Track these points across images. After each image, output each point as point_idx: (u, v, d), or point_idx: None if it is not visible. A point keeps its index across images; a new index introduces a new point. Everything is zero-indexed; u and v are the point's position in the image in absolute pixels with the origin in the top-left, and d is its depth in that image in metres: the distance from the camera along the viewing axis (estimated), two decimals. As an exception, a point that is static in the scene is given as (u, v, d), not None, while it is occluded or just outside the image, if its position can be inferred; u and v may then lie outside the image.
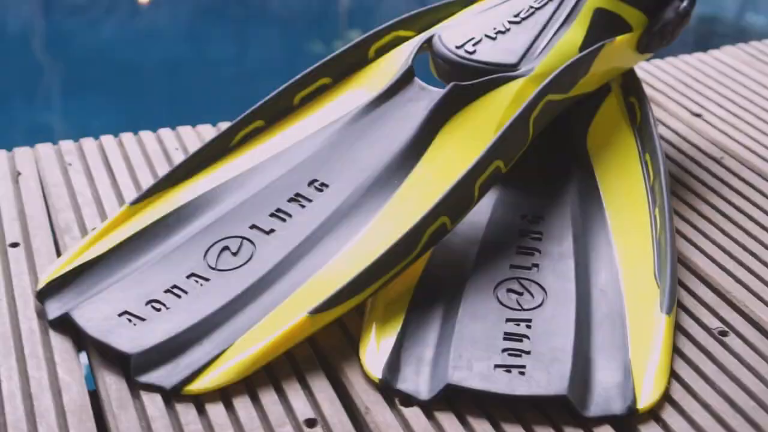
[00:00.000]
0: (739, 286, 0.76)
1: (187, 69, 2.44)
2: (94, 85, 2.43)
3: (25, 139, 0.87)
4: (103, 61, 2.62)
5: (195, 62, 2.49)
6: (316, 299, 0.69)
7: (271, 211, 0.77)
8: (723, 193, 0.88)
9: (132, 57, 2.65)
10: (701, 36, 2.57)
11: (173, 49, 2.68)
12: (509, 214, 0.80)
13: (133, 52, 2.70)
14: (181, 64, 2.46)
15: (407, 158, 0.78)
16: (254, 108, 0.84)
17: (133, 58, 2.64)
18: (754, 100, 1.04)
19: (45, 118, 2.44)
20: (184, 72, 2.41)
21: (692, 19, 0.91)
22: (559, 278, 0.74)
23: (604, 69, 0.86)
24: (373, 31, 0.89)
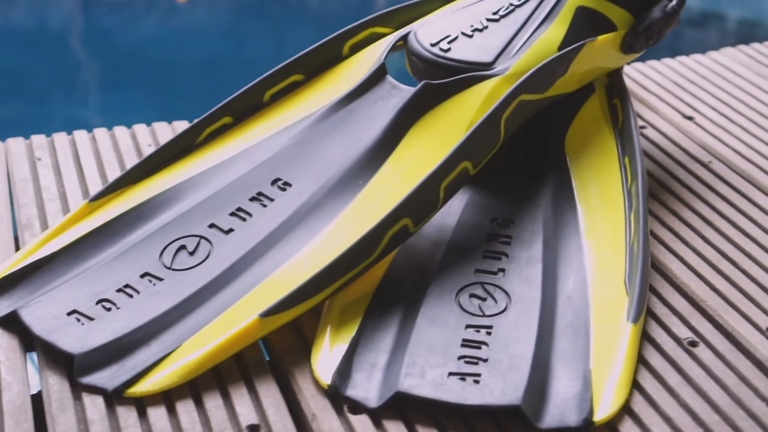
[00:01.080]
0: (714, 294, 0.73)
1: (224, 66, 2.44)
2: (132, 81, 2.44)
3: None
4: (140, 58, 2.64)
5: (232, 60, 2.50)
6: (269, 301, 0.67)
7: (232, 210, 0.75)
8: (708, 198, 0.85)
9: (169, 54, 2.66)
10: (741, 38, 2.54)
11: (211, 46, 2.69)
12: (479, 217, 0.77)
13: (170, 49, 2.71)
14: (218, 61, 2.46)
15: (374, 158, 0.76)
16: (222, 104, 0.82)
17: (170, 55, 2.65)
18: (748, 103, 1.01)
19: (82, 114, 2.45)
20: (221, 69, 2.41)
21: (732, 22, 0.89)
22: (525, 284, 0.71)
23: (584, 69, 0.84)
24: (348, 27, 0.87)
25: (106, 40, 2.81)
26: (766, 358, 0.67)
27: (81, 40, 2.83)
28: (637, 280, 0.70)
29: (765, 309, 0.72)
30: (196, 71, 2.46)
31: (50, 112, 2.45)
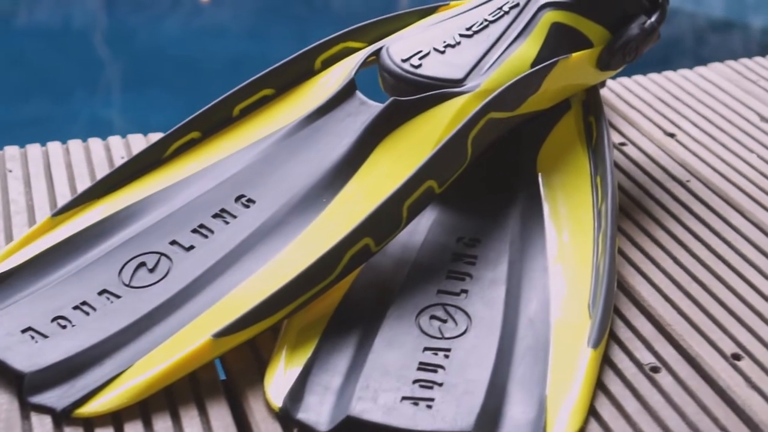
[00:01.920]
0: (681, 318, 0.72)
1: (247, 67, 2.44)
2: (154, 81, 2.45)
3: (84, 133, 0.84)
4: (163, 58, 2.65)
5: (256, 60, 2.51)
6: (224, 321, 0.66)
7: (194, 226, 0.74)
8: (683, 218, 0.84)
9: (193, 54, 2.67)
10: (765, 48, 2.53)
11: (234, 46, 2.70)
12: (445, 236, 0.76)
13: (194, 49, 2.72)
14: (242, 61, 2.47)
15: (339, 175, 0.75)
16: (190, 119, 0.82)
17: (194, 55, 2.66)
18: (732, 120, 0.99)
19: (104, 113, 2.47)
20: (245, 70, 2.40)
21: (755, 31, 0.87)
22: (487, 306, 0.70)
23: (558, 86, 0.83)
24: (320, 42, 0.86)
25: (130, 40, 2.83)
26: (727, 386, 0.66)
27: (104, 40, 2.84)
28: (600, 304, 0.69)
29: (731, 335, 0.71)
30: (219, 72, 2.47)
31: (73, 111, 2.47)
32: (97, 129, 2.43)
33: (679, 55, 2.82)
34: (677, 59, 0.87)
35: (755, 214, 0.84)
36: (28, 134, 0.94)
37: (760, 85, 1.07)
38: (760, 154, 0.94)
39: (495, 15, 0.85)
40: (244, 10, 3.09)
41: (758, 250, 0.80)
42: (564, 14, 0.84)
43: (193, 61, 2.61)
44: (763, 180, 0.89)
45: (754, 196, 0.87)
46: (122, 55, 2.73)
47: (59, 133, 0.83)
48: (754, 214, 0.84)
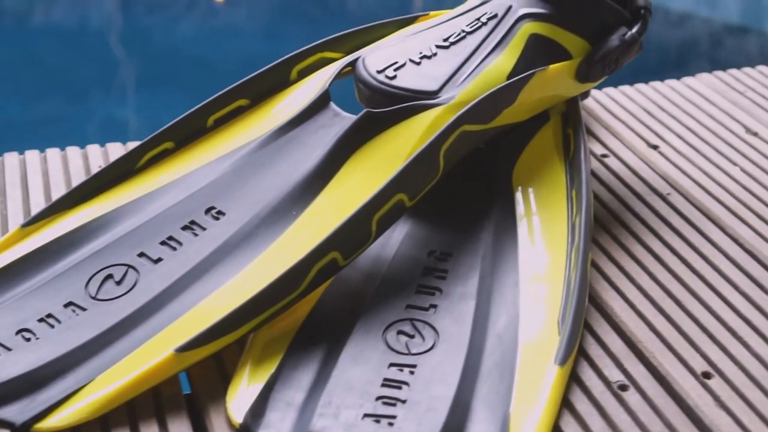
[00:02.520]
0: (653, 335, 0.71)
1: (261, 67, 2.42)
2: (170, 81, 2.46)
3: (100, 133, 0.84)
4: (178, 58, 2.66)
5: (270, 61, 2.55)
6: (188, 335, 0.66)
7: (163, 238, 0.74)
8: (661, 232, 0.83)
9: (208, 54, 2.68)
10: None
11: (250, 47, 2.71)
12: (416, 250, 0.76)
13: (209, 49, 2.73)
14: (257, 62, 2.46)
15: (309, 188, 0.75)
16: (164, 129, 0.81)
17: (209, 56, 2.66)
18: (717, 132, 0.99)
19: (119, 113, 2.48)
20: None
21: None
22: (456, 321, 0.70)
23: (535, 98, 0.82)
24: (297, 51, 0.86)
25: (145, 40, 2.84)
26: (696, 405, 0.65)
27: (120, 40, 2.86)
28: (569, 321, 0.68)
29: (703, 352, 0.70)
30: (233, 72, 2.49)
31: (89, 111, 2.48)
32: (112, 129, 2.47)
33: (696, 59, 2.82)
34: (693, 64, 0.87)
35: (735, 228, 0.83)
36: (44, 133, 0.94)
37: (748, 96, 1.06)
38: (744, 167, 0.93)
39: (473, 26, 0.84)
40: (259, 11, 3.10)
41: (735, 265, 0.79)
42: (542, 26, 0.83)
43: (207, 62, 2.62)
44: (745, 194, 0.88)
45: (735, 210, 0.86)
46: (137, 55, 2.75)
47: (75, 133, 0.83)
48: (733, 228, 0.83)
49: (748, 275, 0.78)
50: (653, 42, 2.93)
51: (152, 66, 2.69)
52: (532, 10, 0.84)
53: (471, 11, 0.86)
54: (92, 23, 3.01)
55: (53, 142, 0.84)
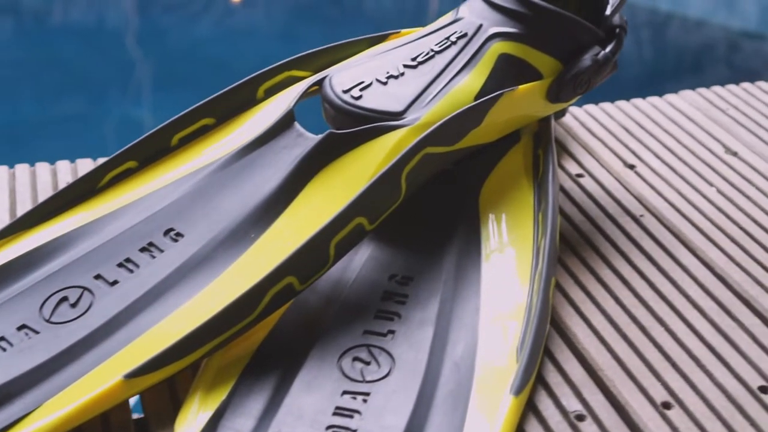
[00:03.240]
0: (614, 363, 0.70)
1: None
2: (186, 81, 2.46)
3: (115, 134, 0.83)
4: (195, 59, 2.66)
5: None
6: (139, 360, 0.65)
7: (120, 260, 0.73)
8: (631, 255, 0.82)
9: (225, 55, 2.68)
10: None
11: (266, 47, 2.72)
12: (377, 273, 0.75)
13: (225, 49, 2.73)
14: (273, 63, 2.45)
15: (269, 210, 0.74)
16: (127, 147, 0.80)
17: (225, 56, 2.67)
18: (696, 152, 0.97)
19: (136, 113, 2.49)
20: None
21: None
22: (413, 348, 0.69)
23: (504, 119, 0.81)
24: (263, 70, 0.85)
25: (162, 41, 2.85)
26: (652, 437, 0.64)
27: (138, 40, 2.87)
28: (527, 348, 0.67)
29: (664, 381, 0.69)
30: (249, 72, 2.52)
31: (106, 110, 2.50)
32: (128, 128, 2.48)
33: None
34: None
35: (706, 252, 0.82)
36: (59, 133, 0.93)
37: (729, 114, 1.04)
38: (720, 188, 0.91)
39: (442, 45, 0.83)
40: (275, 11, 3.10)
41: (704, 290, 0.78)
42: (512, 45, 0.82)
43: (223, 62, 2.63)
44: (720, 216, 0.87)
45: (708, 233, 0.85)
46: (154, 56, 2.76)
47: (91, 132, 0.82)
48: (705, 252, 0.82)
49: (716, 301, 0.77)
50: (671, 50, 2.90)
51: (168, 66, 2.70)
52: (503, 29, 0.83)
53: (441, 30, 0.85)
54: (109, 23, 3.04)
55: (69, 141, 0.83)
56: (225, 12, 3.27)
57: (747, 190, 0.91)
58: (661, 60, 2.97)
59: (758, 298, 0.77)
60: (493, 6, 0.85)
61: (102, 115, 2.48)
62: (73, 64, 2.75)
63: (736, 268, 0.80)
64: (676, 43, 3.09)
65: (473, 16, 0.85)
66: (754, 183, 0.92)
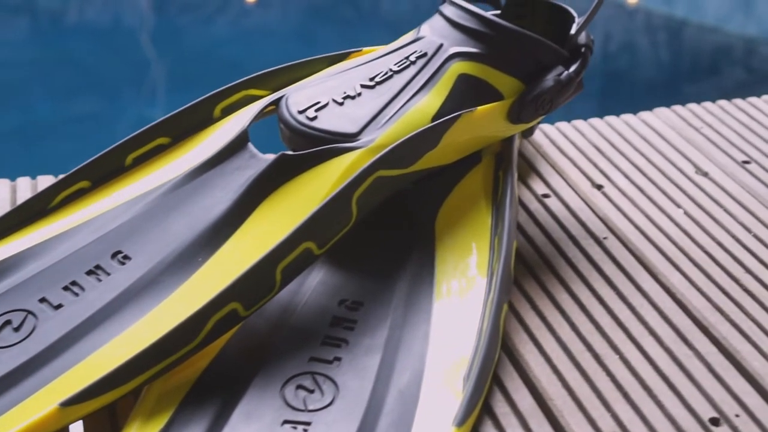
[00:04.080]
0: (565, 392, 0.69)
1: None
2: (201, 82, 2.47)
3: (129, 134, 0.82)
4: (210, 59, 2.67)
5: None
6: (77, 387, 0.64)
7: (66, 283, 0.72)
8: (590, 280, 0.81)
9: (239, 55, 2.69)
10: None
11: (281, 48, 2.72)
12: (327, 298, 0.74)
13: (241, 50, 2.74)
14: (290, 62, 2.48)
15: (218, 234, 0.73)
16: (80, 167, 0.79)
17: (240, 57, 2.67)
18: (666, 171, 0.96)
19: (150, 113, 2.50)
20: None
21: None
22: (358, 376, 0.68)
23: (462, 140, 0.80)
24: (220, 89, 0.84)
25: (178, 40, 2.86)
26: (597, 470, 0.63)
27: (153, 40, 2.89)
28: (473, 378, 0.66)
29: (614, 412, 0.68)
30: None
31: (121, 110, 2.50)
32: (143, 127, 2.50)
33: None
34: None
35: (668, 277, 0.81)
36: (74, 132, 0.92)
37: (703, 133, 1.03)
38: (688, 210, 0.90)
39: (401, 65, 0.82)
40: (291, 12, 3.11)
41: (662, 317, 0.77)
42: (472, 65, 0.81)
43: (239, 63, 2.63)
44: (684, 239, 0.86)
45: (671, 257, 0.83)
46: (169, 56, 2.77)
47: (105, 132, 0.82)
48: (667, 277, 0.81)
49: (674, 328, 0.75)
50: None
51: (183, 66, 2.71)
52: (463, 49, 0.82)
53: (402, 49, 0.84)
54: (125, 23, 3.05)
55: (82, 141, 0.82)
56: (240, 12, 3.28)
57: (715, 212, 0.90)
58: (678, 66, 2.96)
59: (717, 326, 0.76)
60: (455, 25, 0.83)
61: (116, 115, 2.49)
62: (88, 64, 2.77)
63: (697, 294, 0.79)
64: (692, 49, 3.08)
65: (434, 35, 0.84)
66: (723, 204, 0.91)
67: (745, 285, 0.80)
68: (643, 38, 3.10)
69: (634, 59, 2.95)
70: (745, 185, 0.94)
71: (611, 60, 2.94)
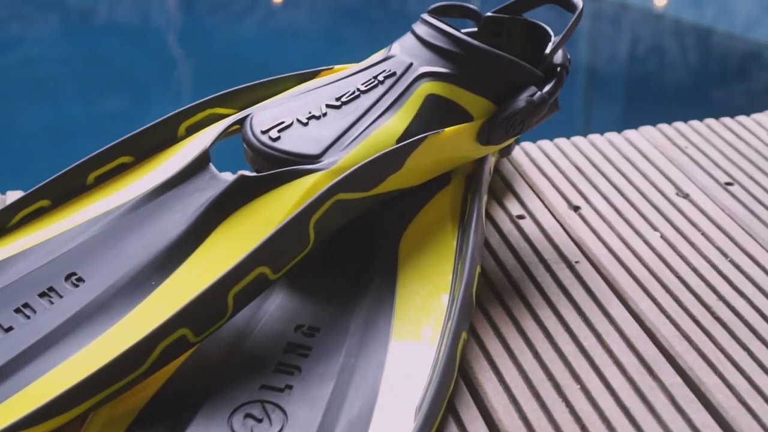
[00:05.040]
0: (521, 424, 0.68)
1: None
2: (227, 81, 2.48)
3: None
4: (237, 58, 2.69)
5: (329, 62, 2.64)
6: (18, 414, 0.63)
7: (18, 305, 0.71)
8: (558, 305, 0.79)
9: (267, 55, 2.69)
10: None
11: (308, 48, 2.72)
12: (282, 324, 0.72)
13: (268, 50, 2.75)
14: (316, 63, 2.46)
15: (172, 257, 0.72)
16: (41, 185, 0.79)
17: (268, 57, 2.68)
18: (646, 192, 0.94)
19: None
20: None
21: None
22: (308, 404, 0.66)
23: (428, 162, 0.78)
24: (185, 107, 0.83)
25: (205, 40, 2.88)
26: (547, 507, 0.62)
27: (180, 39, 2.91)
28: (425, 408, 0.65)
29: (569, 445, 0.66)
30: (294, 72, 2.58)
31: (147, 109, 2.52)
32: None
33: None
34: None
35: (638, 303, 0.79)
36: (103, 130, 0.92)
37: (688, 153, 1.01)
38: (664, 233, 0.88)
39: (368, 85, 0.81)
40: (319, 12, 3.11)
41: (629, 345, 0.75)
42: (441, 85, 0.80)
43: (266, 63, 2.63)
44: (658, 263, 0.84)
45: (643, 282, 0.82)
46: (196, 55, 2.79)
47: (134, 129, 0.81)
48: (637, 303, 0.79)
49: (639, 357, 0.74)
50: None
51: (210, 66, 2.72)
52: (432, 68, 0.81)
53: (371, 68, 0.83)
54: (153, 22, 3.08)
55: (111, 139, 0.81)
56: (268, 12, 3.29)
57: (692, 236, 0.88)
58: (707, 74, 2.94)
59: (684, 355, 0.74)
60: (425, 44, 0.82)
61: (144, 113, 2.50)
62: (117, 62, 2.78)
63: (666, 321, 0.77)
64: (720, 57, 3.05)
65: (404, 55, 0.83)
66: (701, 228, 0.89)
67: (716, 313, 0.78)
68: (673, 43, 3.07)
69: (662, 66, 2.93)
70: (725, 208, 0.92)
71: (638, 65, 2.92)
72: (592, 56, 2.98)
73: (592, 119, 2.67)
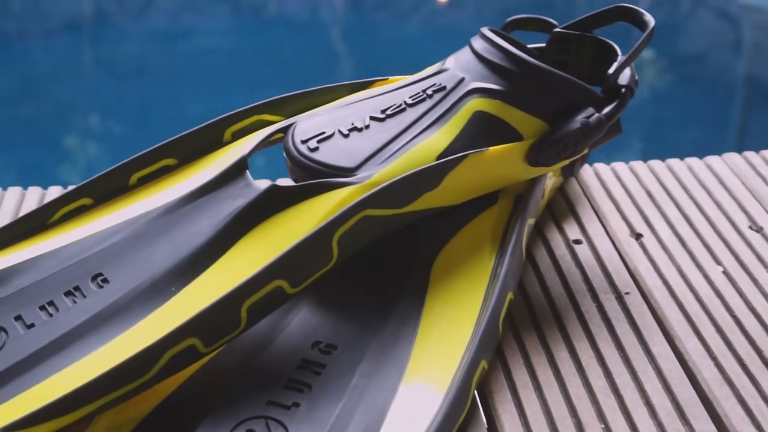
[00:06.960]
0: (531, 462, 0.65)
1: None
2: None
3: None
4: (400, 56, 2.73)
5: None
6: (24, 411, 0.63)
7: (44, 302, 0.71)
8: (598, 338, 0.76)
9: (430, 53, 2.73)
10: None
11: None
12: (300, 339, 0.71)
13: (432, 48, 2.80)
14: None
15: (196, 264, 0.71)
16: (84, 183, 0.79)
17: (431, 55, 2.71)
18: (716, 224, 0.90)
19: None
20: None
21: None
22: (312, 424, 0.65)
23: (469, 182, 0.76)
24: (232, 112, 0.82)
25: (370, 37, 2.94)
26: None
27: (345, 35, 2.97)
28: None
29: (578, 488, 0.63)
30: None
31: None
32: None
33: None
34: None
35: (684, 342, 0.75)
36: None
37: (770, 184, 0.96)
38: (728, 268, 0.84)
39: (416, 98, 0.79)
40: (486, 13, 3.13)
41: (664, 386, 0.71)
42: (490, 103, 0.77)
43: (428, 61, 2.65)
44: (714, 300, 0.80)
45: (694, 319, 0.78)
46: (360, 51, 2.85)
47: None
48: (683, 342, 0.75)
49: (674, 400, 0.70)
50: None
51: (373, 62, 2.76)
52: (484, 84, 0.78)
53: (422, 81, 0.81)
54: (321, 17, 3.15)
55: None
56: (433, 12, 3.30)
57: (757, 272, 0.83)
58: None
59: (722, 401, 0.70)
60: (480, 58, 0.80)
61: None
62: (282, 56, 2.84)
63: (710, 364, 0.73)
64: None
65: (457, 69, 0.80)
66: (768, 265, 0.84)
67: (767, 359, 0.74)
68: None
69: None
70: (800, 245, 0.87)
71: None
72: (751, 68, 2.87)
73: (747, 134, 2.57)
